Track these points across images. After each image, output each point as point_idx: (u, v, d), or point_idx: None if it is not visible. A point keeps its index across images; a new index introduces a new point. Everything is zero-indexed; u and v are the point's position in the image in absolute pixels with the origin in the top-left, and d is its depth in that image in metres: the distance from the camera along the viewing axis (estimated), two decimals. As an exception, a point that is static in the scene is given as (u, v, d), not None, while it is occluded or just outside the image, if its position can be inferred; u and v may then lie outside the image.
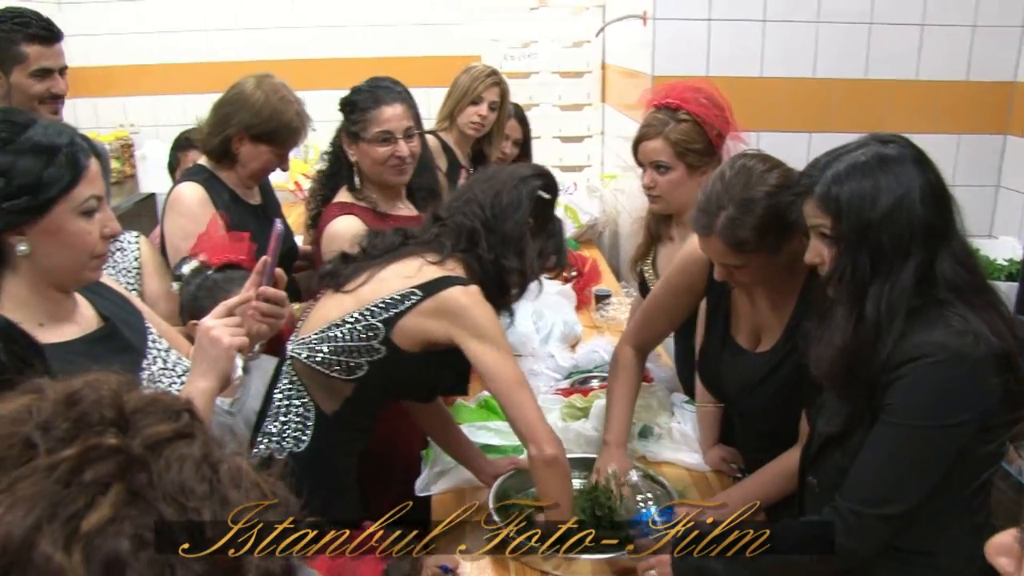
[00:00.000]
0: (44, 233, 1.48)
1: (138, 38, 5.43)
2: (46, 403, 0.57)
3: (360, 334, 1.91)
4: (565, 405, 2.39)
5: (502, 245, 1.96)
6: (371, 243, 2.06)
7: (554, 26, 4.69)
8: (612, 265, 4.08)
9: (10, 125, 1.48)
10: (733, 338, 2.03)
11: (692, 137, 2.33)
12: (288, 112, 2.56)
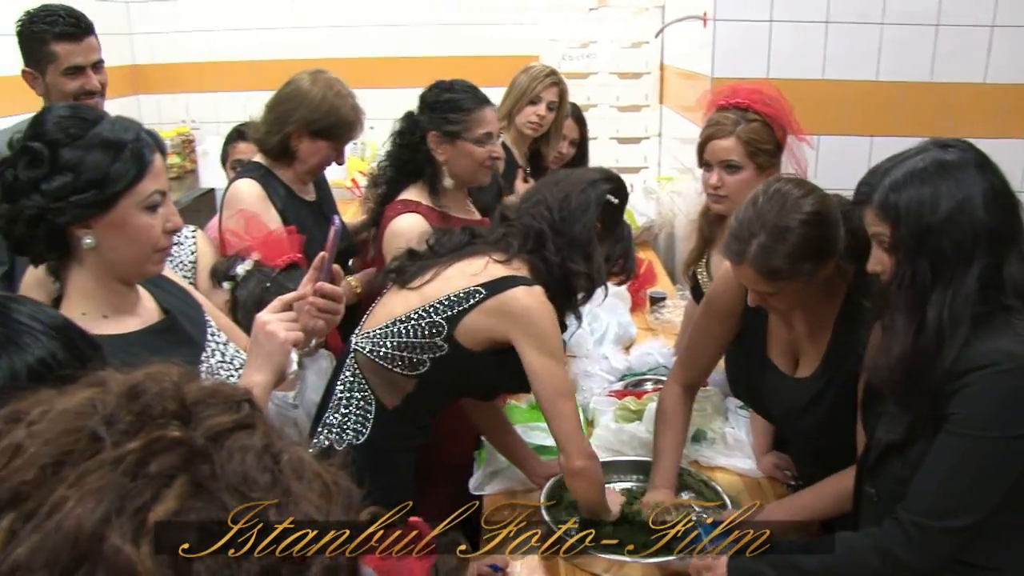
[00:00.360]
0: (109, 227, 1.51)
1: (201, 36, 5.54)
2: (110, 396, 0.58)
3: (424, 331, 1.92)
4: (619, 407, 2.38)
5: (569, 248, 1.96)
6: (438, 241, 2.08)
7: (613, 27, 4.67)
8: (667, 267, 4.06)
9: (80, 122, 1.51)
10: (771, 360, 2.00)
11: (763, 137, 2.31)
12: (344, 107, 2.58)
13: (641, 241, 4.22)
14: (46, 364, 1.00)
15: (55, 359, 1.01)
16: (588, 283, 2.00)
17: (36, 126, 1.53)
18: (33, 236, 1.50)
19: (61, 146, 1.48)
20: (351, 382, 2.03)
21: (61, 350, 1.02)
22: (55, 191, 1.47)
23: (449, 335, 1.92)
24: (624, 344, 2.90)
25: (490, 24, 5.26)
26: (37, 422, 0.55)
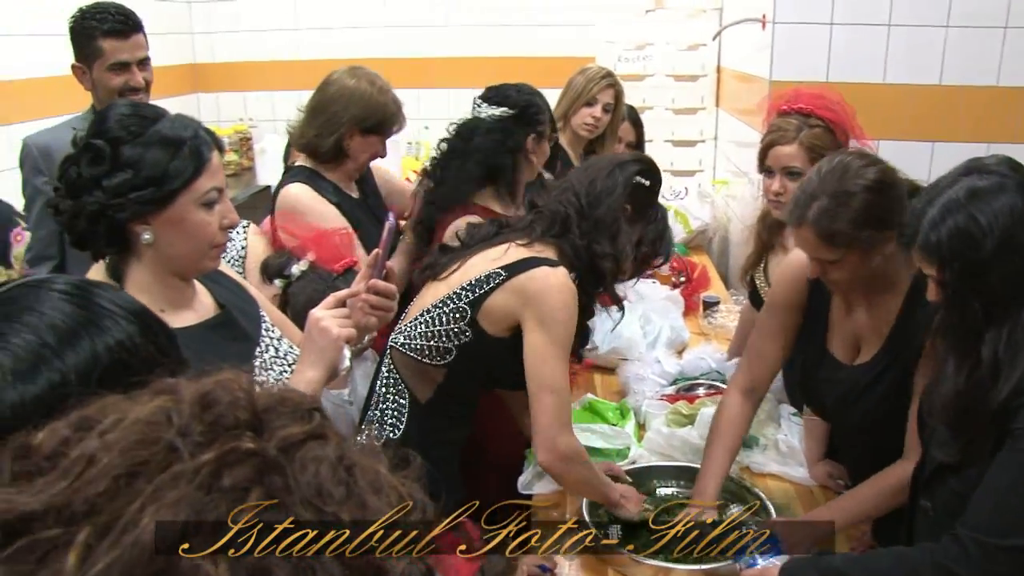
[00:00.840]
0: (167, 223, 1.54)
1: (260, 36, 5.63)
2: (182, 405, 0.57)
3: (448, 317, 1.95)
4: (671, 411, 2.37)
5: (595, 230, 1.96)
6: (469, 234, 2.10)
7: (669, 29, 4.63)
8: (721, 272, 4.02)
9: (140, 119, 1.54)
10: (830, 352, 1.97)
11: (826, 143, 2.26)
12: (389, 101, 2.62)
13: (695, 245, 4.19)
14: (125, 347, 1.02)
15: (133, 343, 1.02)
16: (614, 264, 1.99)
17: (99, 123, 1.55)
18: (94, 232, 1.53)
19: (122, 143, 1.51)
20: (387, 378, 2.06)
21: (139, 335, 1.04)
22: (115, 188, 1.49)
23: (472, 320, 1.94)
24: (676, 348, 2.88)
25: (546, 25, 5.27)
26: (110, 431, 0.55)
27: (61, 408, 0.63)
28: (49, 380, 0.96)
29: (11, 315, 0.99)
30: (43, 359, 0.96)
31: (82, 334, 0.99)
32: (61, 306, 1.00)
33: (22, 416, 0.94)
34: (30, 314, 0.99)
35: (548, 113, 2.57)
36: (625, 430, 2.33)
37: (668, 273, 3.37)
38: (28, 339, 0.97)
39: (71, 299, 1.01)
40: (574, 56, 4.73)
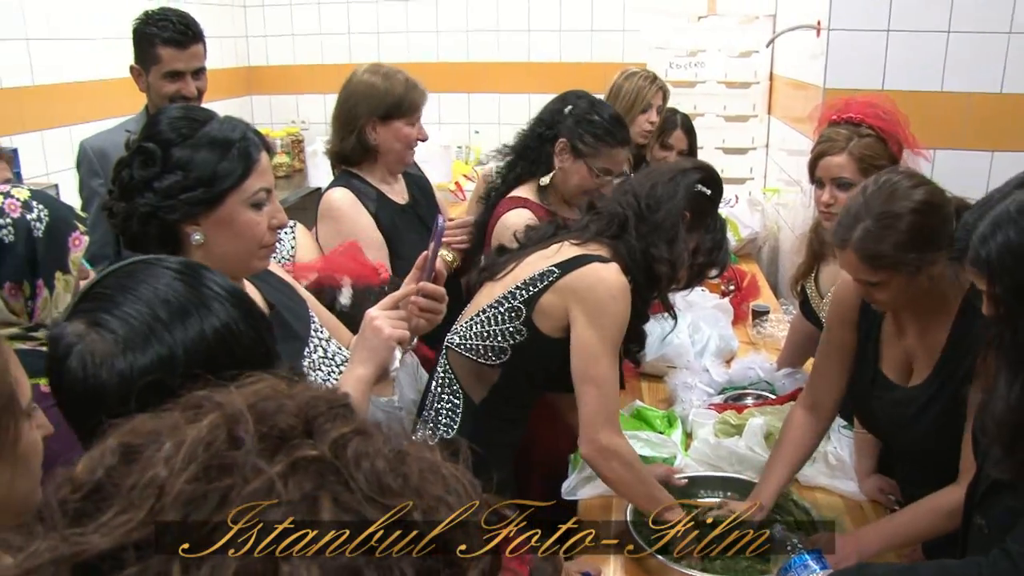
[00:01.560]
0: (217, 223, 1.56)
1: (313, 39, 5.70)
2: (240, 421, 0.56)
3: (503, 316, 1.95)
4: (719, 421, 2.34)
5: (653, 234, 1.95)
6: (527, 235, 2.11)
7: (722, 35, 4.60)
8: (770, 281, 3.97)
9: (190, 122, 1.56)
10: (883, 373, 1.92)
11: (877, 153, 2.22)
12: (396, 83, 2.61)
13: (744, 253, 4.15)
14: (230, 330, 1.05)
15: (237, 327, 1.06)
16: (670, 270, 1.97)
17: (151, 127, 1.58)
18: (146, 233, 1.55)
19: (172, 146, 1.53)
20: (442, 378, 2.07)
21: (242, 320, 1.08)
22: (166, 189, 1.52)
23: (527, 318, 1.94)
24: (725, 357, 2.85)
25: (597, 31, 5.26)
26: (173, 457, 0.54)
27: (166, 390, 0.64)
28: (158, 353, 1.01)
29: (128, 288, 1.04)
30: (155, 332, 1.01)
31: (192, 312, 1.03)
32: (174, 284, 1.05)
33: (127, 386, 0.99)
34: (146, 288, 1.03)
35: (604, 147, 2.53)
36: (672, 438, 2.31)
37: (717, 281, 3.34)
38: (142, 312, 1.02)
39: (183, 278, 1.06)
40: (624, 62, 4.72)
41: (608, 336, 1.89)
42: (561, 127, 2.57)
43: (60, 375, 1.05)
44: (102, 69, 4.29)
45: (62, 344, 1.05)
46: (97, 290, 1.09)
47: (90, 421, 1.03)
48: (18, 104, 3.80)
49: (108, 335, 1.02)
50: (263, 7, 5.73)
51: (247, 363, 0.99)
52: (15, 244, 1.58)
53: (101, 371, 1.01)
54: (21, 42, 3.85)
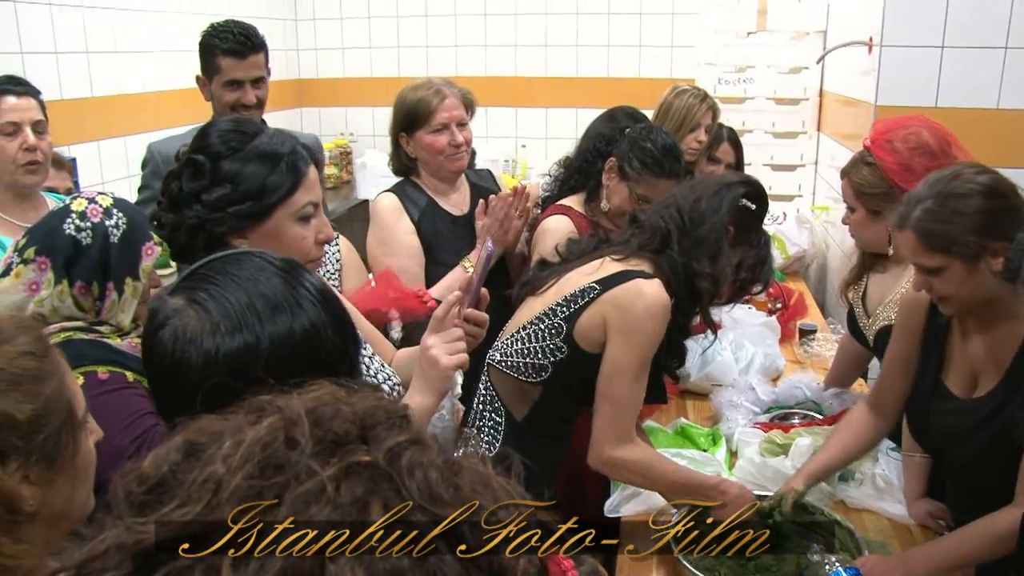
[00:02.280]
0: (264, 236, 1.56)
1: (363, 53, 5.76)
2: (295, 424, 0.57)
3: (544, 333, 1.95)
4: (764, 440, 2.31)
5: (695, 248, 1.94)
6: (568, 249, 2.11)
7: (771, 52, 4.56)
8: (818, 299, 3.92)
9: (239, 135, 1.58)
10: (944, 383, 1.89)
11: (870, 182, 2.25)
12: (412, 96, 2.66)
13: (792, 271, 4.10)
14: (318, 332, 1.08)
15: (325, 332, 1.08)
16: (712, 285, 1.96)
17: (201, 139, 1.60)
18: (193, 244, 1.56)
19: (221, 158, 1.55)
20: (483, 395, 2.07)
21: (331, 326, 1.10)
22: (214, 202, 1.53)
23: (568, 335, 1.93)
24: (771, 376, 2.82)
25: (645, 46, 5.26)
26: (231, 455, 0.55)
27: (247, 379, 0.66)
28: (245, 341, 1.03)
29: (231, 275, 1.08)
30: (246, 321, 1.04)
31: (285, 309, 1.06)
32: (274, 279, 1.08)
33: (211, 367, 1.02)
34: (248, 279, 1.07)
35: (650, 175, 2.54)
36: (716, 457, 2.29)
37: (764, 299, 3.30)
38: (240, 299, 1.05)
39: (283, 275, 1.09)
40: (673, 78, 4.72)
41: (637, 355, 1.88)
42: (616, 146, 2.59)
43: (151, 345, 1.09)
44: (157, 81, 4.40)
45: (159, 315, 1.09)
46: (203, 271, 1.12)
47: (171, 395, 1.07)
48: (78, 115, 3.90)
49: (203, 315, 1.05)
50: (314, 21, 5.82)
51: (328, 368, 1.01)
52: (91, 247, 1.66)
53: (189, 347, 1.04)
54: (82, 55, 3.95)
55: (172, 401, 1.09)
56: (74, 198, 1.76)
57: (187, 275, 1.13)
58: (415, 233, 2.63)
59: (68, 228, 1.67)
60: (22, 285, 1.66)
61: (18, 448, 1.02)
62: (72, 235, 1.67)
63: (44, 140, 2.42)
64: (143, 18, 4.34)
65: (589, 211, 2.65)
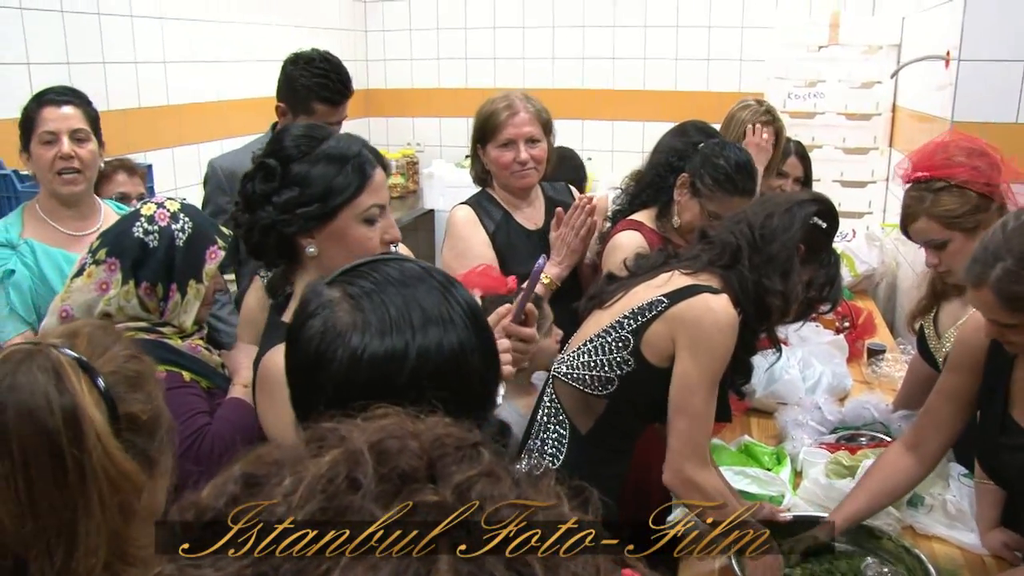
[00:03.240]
0: (330, 237, 1.61)
1: (430, 64, 5.82)
2: (358, 461, 0.55)
3: (611, 346, 1.93)
4: (831, 461, 2.26)
5: (766, 265, 1.91)
6: (636, 263, 2.10)
7: (843, 66, 4.49)
8: (887, 319, 3.83)
9: (309, 140, 1.63)
10: (1014, 419, 1.82)
11: (958, 203, 2.12)
12: (485, 110, 2.68)
13: (860, 290, 4.02)
14: (463, 353, 1.06)
15: (469, 355, 1.06)
16: (783, 303, 1.93)
17: (275, 143, 1.66)
18: (266, 244, 1.63)
19: (292, 161, 1.60)
20: (548, 407, 2.06)
21: (476, 350, 1.08)
22: (283, 204, 1.59)
23: (635, 348, 1.92)
24: (838, 395, 2.76)
25: (714, 59, 5.22)
26: (292, 493, 0.54)
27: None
28: (394, 346, 1.02)
29: (392, 279, 1.08)
30: (399, 326, 1.03)
31: (437, 322, 1.05)
32: (432, 291, 1.07)
33: (354, 365, 1.02)
34: (409, 286, 1.07)
35: (722, 192, 2.49)
36: (780, 476, 2.25)
37: (832, 317, 3.24)
38: (398, 305, 1.04)
39: (440, 289, 1.08)
40: (741, 92, 4.68)
41: (708, 369, 1.86)
42: (688, 162, 2.56)
43: (298, 334, 1.08)
44: (230, 90, 4.50)
45: (312, 305, 1.08)
46: (364, 269, 1.11)
47: (307, 387, 1.07)
48: (154, 122, 4.01)
49: (357, 311, 1.04)
50: (383, 32, 5.90)
51: (465, 393, 1.01)
52: (157, 249, 1.76)
53: (337, 342, 1.03)
54: (159, 65, 4.06)
55: (307, 393, 1.08)
56: (145, 203, 1.84)
57: (347, 270, 1.13)
58: (490, 245, 2.64)
59: (137, 231, 1.75)
60: (93, 285, 1.73)
61: (141, 448, 1.07)
62: (140, 238, 1.75)
63: (84, 148, 2.43)
64: (217, 29, 4.45)
65: (660, 227, 2.62)
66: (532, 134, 2.64)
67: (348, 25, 5.73)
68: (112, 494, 1.01)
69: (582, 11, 5.46)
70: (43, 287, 2.31)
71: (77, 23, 3.57)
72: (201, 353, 1.90)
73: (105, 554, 0.99)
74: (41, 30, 3.41)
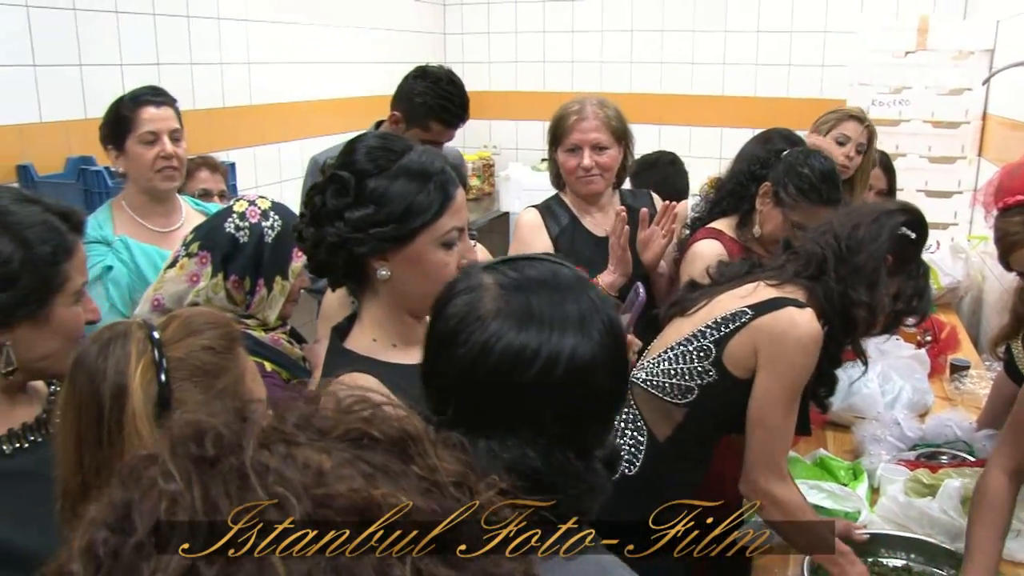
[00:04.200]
0: (405, 261, 1.50)
1: (508, 67, 5.85)
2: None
3: (692, 355, 1.91)
4: (910, 479, 2.20)
5: (853, 276, 1.87)
6: (719, 271, 2.07)
7: (931, 72, 4.37)
8: (972, 334, 3.72)
9: (387, 153, 1.52)
10: None
11: None
12: (560, 111, 2.68)
13: (944, 303, 3.91)
14: (594, 366, 1.04)
15: (601, 370, 1.05)
16: (869, 315, 1.89)
17: (347, 154, 1.55)
18: (333, 263, 1.52)
19: (367, 176, 1.49)
20: (626, 413, 2.04)
21: (608, 367, 1.06)
22: (356, 221, 1.47)
23: (717, 359, 1.89)
24: (918, 411, 2.69)
25: (795, 65, 5.14)
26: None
27: None
28: (527, 342, 1.02)
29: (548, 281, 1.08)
30: (538, 326, 1.03)
31: (574, 332, 1.04)
32: (580, 303, 1.06)
33: (484, 351, 1.03)
34: (564, 291, 1.07)
35: (807, 201, 2.44)
36: (856, 492, 2.20)
37: (914, 331, 3.16)
38: (543, 306, 1.04)
39: (589, 303, 1.07)
40: (822, 98, 4.60)
41: (789, 384, 1.84)
42: (771, 170, 2.52)
43: (444, 305, 1.09)
44: (312, 91, 4.59)
45: (463, 283, 1.10)
46: (523, 264, 1.12)
47: (437, 361, 1.09)
48: (236, 122, 4.11)
49: (502, 301, 1.04)
50: (462, 35, 5.94)
51: (587, 407, 1.02)
52: (247, 245, 1.79)
53: (474, 324, 1.04)
54: (243, 66, 4.16)
55: (434, 366, 1.10)
56: (237, 200, 1.90)
57: (505, 260, 1.13)
58: (552, 249, 2.63)
59: (228, 227, 1.80)
60: (184, 276, 1.79)
61: None
62: (231, 233, 1.79)
63: (180, 147, 2.54)
64: (299, 31, 4.54)
65: (740, 236, 2.59)
66: (598, 140, 2.61)
67: (427, 28, 5.79)
68: None
69: (661, 15, 5.42)
70: (139, 282, 2.38)
71: (167, 25, 3.68)
72: (283, 345, 1.93)
73: None
74: (134, 33, 3.52)
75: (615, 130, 2.64)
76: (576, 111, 2.64)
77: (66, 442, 1.13)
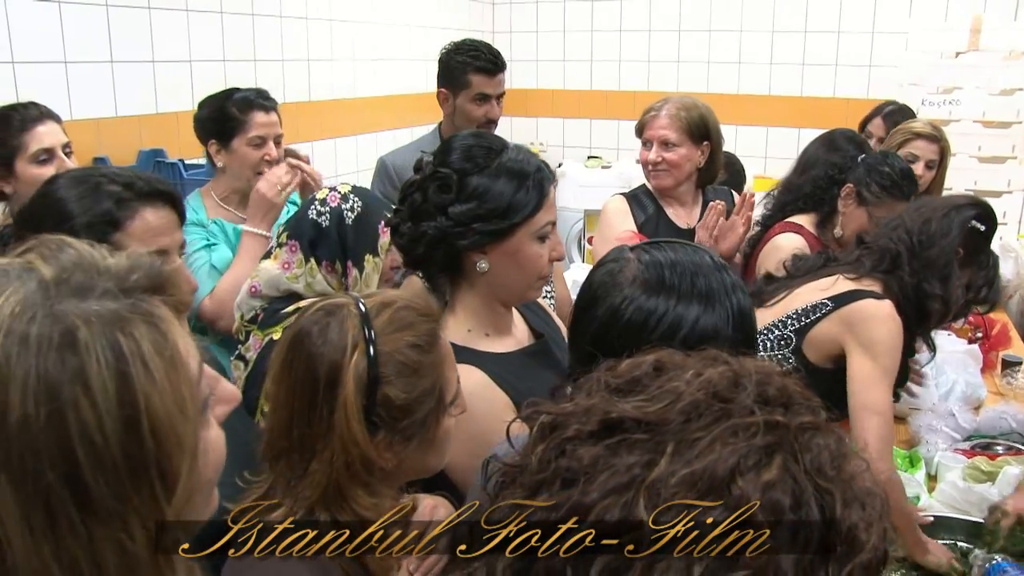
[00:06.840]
0: (503, 254, 1.58)
1: (556, 65, 5.91)
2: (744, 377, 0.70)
3: (772, 344, 1.98)
4: (969, 466, 2.25)
5: (926, 270, 1.94)
6: (795, 264, 2.14)
7: (982, 72, 4.39)
8: (1021, 331, 3.74)
9: (486, 151, 1.58)
10: None
11: None
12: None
13: (993, 301, 3.93)
14: (716, 335, 1.15)
15: (723, 339, 1.14)
16: (943, 307, 1.96)
17: (445, 153, 1.61)
18: (432, 257, 1.59)
19: (469, 173, 1.56)
20: None
21: (730, 331, 1.18)
22: (460, 216, 1.54)
23: (797, 347, 1.96)
24: (971, 404, 2.73)
25: (843, 65, 5.16)
26: (692, 381, 0.69)
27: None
28: (655, 306, 1.17)
29: (688, 256, 1.23)
30: (668, 292, 1.18)
31: (701, 302, 1.18)
32: (712, 279, 1.21)
33: (618, 311, 1.18)
34: (696, 267, 1.21)
35: (889, 198, 2.54)
36: (916, 478, 2.25)
37: (965, 327, 3.20)
38: (676, 275, 1.19)
39: (722, 284, 1.20)
40: (870, 98, 4.61)
41: (884, 365, 1.89)
42: (851, 173, 2.62)
43: (593, 272, 1.25)
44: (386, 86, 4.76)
45: (613, 254, 1.26)
46: (667, 244, 1.26)
47: (582, 320, 1.23)
48: (319, 115, 4.30)
49: (639, 270, 1.20)
50: (511, 34, 6.01)
51: None
52: (329, 229, 1.84)
53: (613, 290, 1.19)
54: (327, 63, 4.37)
55: (579, 325, 1.24)
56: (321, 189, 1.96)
57: (652, 241, 1.29)
58: (637, 235, 2.71)
59: (311, 214, 1.87)
60: (278, 265, 1.86)
61: (389, 425, 1.19)
62: (314, 219, 1.86)
63: (280, 150, 2.63)
64: (374, 29, 4.74)
65: (821, 234, 2.68)
66: (666, 137, 2.69)
67: (477, 27, 5.86)
68: (341, 451, 1.13)
69: (709, 15, 5.46)
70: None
71: (233, 23, 3.79)
72: None
73: (320, 493, 1.12)
74: (202, 30, 3.64)
75: (689, 130, 2.70)
76: (655, 107, 2.74)
77: (280, 409, 1.19)
